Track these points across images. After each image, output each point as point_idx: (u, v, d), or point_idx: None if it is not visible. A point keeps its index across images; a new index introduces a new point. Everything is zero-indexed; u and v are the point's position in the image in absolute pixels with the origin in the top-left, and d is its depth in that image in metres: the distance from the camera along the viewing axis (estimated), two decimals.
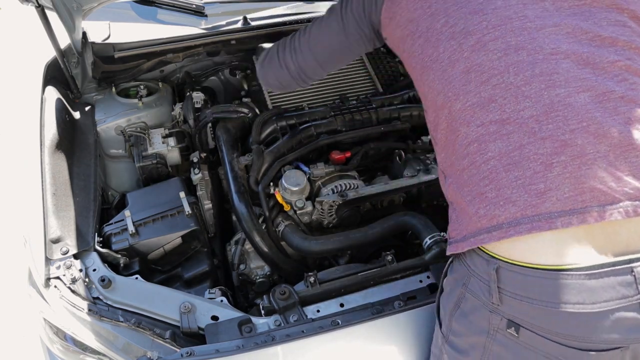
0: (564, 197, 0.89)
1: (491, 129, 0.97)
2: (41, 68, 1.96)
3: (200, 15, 2.33)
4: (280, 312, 1.38)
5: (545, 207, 0.90)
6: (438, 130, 1.09)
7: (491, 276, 0.94)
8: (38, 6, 1.65)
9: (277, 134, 1.87)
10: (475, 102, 1.00)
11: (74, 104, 2.04)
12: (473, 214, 0.97)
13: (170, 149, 1.98)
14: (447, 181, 1.07)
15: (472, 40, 1.03)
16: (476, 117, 0.99)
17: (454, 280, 1.08)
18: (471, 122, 0.99)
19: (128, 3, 2.41)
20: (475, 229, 0.96)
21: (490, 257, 0.95)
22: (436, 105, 1.08)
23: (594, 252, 0.88)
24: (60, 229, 1.51)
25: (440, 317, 1.14)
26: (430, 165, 1.82)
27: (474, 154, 0.98)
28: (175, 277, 1.69)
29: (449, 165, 1.06)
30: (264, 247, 1.64)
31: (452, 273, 1.10)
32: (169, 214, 1.68)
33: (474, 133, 0.99)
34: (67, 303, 1.37)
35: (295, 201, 1.69)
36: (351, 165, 1.83)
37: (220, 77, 2.35)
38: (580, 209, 0.88)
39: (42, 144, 1.70)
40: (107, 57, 2.10)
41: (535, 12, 1.02)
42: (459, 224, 1.02)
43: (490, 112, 0.97)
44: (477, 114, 0.99)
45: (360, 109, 1.90)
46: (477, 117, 0.99)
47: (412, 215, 1.66)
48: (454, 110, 1.03)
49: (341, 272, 1.51)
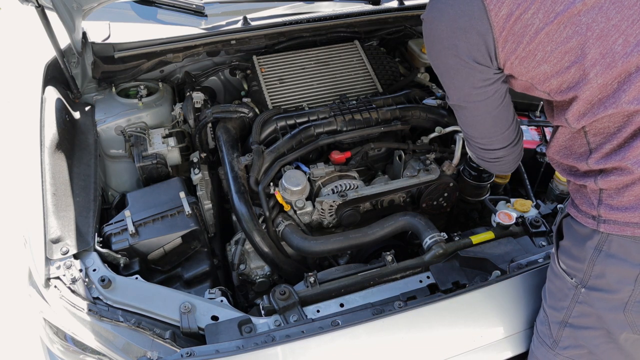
0: None
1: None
2: (41, 68, 1.96)
3: (200, 15, 2.33)
4: (280, 312, 1.38)
5: None
6: (612, 141, 1.05)
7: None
8: (38, 6, 1.65)
9: (277, 134, 1.87)
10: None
11: (74, 104, 2.04)
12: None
13: (170, 149, 1.98)
14: (614, 175, 1.06)
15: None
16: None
17: (584, 230, 1.13)
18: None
19: (128, 3, 2.41)
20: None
21: None
22: (624, 113, 1.02)
23: None
24: (60, 229, 1.51)
25: (568, 271, 1.19)
26: (430, 166, 1.82)
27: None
28: (175, 277, 1.69)
29: (620, 167, 1.05)
30: (264, 247, 1.64)
31: (578, 223, 1.15)
32: (169, 214, 1.68)
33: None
34: (67, 303, 1.37)
35: (295, 201, 1.69)
36: (351, 165, 1.83)
37: (220, 77, 2.35)
38: None
39: (42, 144, 1.70)
40: (107, 57, 2.10)
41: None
42: (621, 212, 1.06)
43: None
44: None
45: (361, 109, 1.90)
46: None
47: (412, 215, 1.66)
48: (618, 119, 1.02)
49: (341, 272, 1.52)
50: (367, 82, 2.12)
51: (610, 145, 1.05)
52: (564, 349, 1.26)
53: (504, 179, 1.95)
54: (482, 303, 1.37)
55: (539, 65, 1.04)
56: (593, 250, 1.12)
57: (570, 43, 0.99)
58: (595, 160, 1.08)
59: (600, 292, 1.14)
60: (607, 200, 1.09)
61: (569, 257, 1.20)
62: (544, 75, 1.06)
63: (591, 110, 1.04)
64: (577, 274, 1.18)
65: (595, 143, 1.08)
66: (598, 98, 1.03)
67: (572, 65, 1.01)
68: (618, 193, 1.07)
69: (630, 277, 1.08)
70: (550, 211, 1.69)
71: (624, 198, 1.06)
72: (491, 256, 1.49)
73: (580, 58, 1.00)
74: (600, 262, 1.12)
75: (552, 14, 0.97)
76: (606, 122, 1.05)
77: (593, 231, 1.12)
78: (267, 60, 2.17)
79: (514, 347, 1.39)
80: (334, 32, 2.32)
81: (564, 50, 1.00)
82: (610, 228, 1.08)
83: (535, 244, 1.56)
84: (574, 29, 0.97)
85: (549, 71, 1.04)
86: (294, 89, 2.07)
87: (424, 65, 2.33)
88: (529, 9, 0.98)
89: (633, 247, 1.07)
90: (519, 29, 1.00)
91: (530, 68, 1.05)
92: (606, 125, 1.05)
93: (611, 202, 1.08)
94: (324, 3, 2.48)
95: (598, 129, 1.07)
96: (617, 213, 1.07)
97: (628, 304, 1.11)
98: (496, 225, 1.63)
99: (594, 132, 1.08)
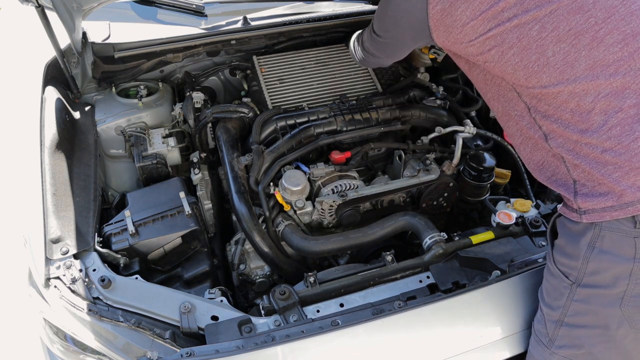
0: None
1: (631, 112, 1.06)
2: (41, 68, 1.95)
3: (200, 15, 2.33)
4: (280, 312, 1.38)
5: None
6: (560, 123, 1.14)
7: None
8: (38, 6, 1.65)
9: (277, 134, 1.87)
10: (608, 93, 1.07)
11: (74, 104, 2.04)
12: (628, 187, 1.06)
13: (170, 149, 1.98)
14: (574, 162, 1.14)
15: (587, 38, 1.07)
16: (613, 105, 1.07)
17: (577, 228, 1.15)
18: (608, 110, 1.07)
19: (128, 3, 2.41)
20: (631, 200, 1.06)
21: None
22: (557, 102, 1.13)
23: None
24: (60, 229, 1.51)
25: (563, 269, 1.21)
26: (430, 166, 1.82)
27: (619, 136, 1.06)
28: (175, 277, 1.69)
29: (578, 150, 1.13)
30: (264, 247, 1.64)
31: (567, 225, 1.18)
32: (169, 214, 1.68)
33: (613, 119, 1.07)
34: (67, 303, 1.37)
35: (295, 201, 1.69)
36: (351, 165, 1.83)
37: (220, 77, 2.35)
38: None
39: (42, 144, 1.70)
40: (107, 57, 2.10)
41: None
42: (596, 198, 1.10)
43: (626, 98, 1.06)
44: (614, 103, 1.07)
45: (360, 109, 1.90)
46: (614, 105, 1.06)
47: (412, 215, 1.66)
48: (585, 103, 1.09)
49: (341, 272, 1.52)
50: (367, 82, 2.12)
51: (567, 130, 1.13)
52: (560, 348, 1.26)
53: (504, 179, 1.95)
54: (481, 303, 1.37)
55: (465, 49, 1.23)
56: (586, 247, 1.13)
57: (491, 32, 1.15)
58: (555, 142, 1.16)
59: (596, 288, 1.15)
60: (581, 190, 1.14)
61: (564, 255, 1.21)
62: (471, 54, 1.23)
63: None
64: (572, 272, 1.19)
65: (546, 127, 1.17)
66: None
67: (492, 48, 1.16)
68: (585, 180, 1.13)
69: (625, 272, 1.10)
70: (550, 211, 1.69)
71: (593, 183, 1.11)
72: (491, 256, 1.50)
73: (499, 43, 1.15)
74: (594, 259, 1.13)
75: (478, 12, 1.15)
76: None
77: (585, 228, 1.14)
78: (267, 60, 2.17)
79: (513, 347, 1.39)
80: (334, 32, 2.32)
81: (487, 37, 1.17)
82: (591, 217, 1.11)
83: (535, 244, 1.56)
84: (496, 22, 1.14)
85: (475, 52, 1.21)
86: (294, 89, 2.07)
87: (424, 65, 2.33)
88: (459, 7, 1.17)
89: (625, 242, 1.08)
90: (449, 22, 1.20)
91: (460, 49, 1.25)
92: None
93: (585, 191, 1.13)
94: (324, 3, 2.48)
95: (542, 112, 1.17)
96: (593, 200, 1.11)
97: (624, 299, 1.12)
98: (496, 225, 1.63)
99: (547, 122, 1.17)
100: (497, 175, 1.90)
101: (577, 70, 1.09)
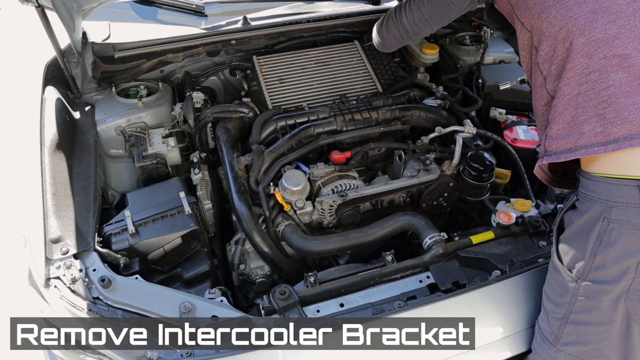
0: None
1: (613, 61, 1.11)
2: (41, 68, 1.95)
3: (200, 15, 2.33)
4: (280, 312, 1.38)
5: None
6: (554, 62, 1.21)
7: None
8: (38, 6, 1.65)
9: (277, 134, 1.87)
10: (599, 38, 1.13)
11: (74, 104, 2.04)
12: (588, 131, 1.11)
13: (170, 149, 1.98)
14: (553, 103, 1.21)
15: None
16: (599, 50, 1.13)
17: (585, 222, 1.17)
18: (594, 54, 1.13)
19: (128, 3, 2.41)
20: (588, 143, 1.11)
21: (625, 179, 1.08)
22: (556, 39, 1.20)
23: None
24: (60, 229, 1.51)
25: (567, 263, 1.22)
26: (430, 166, 1.82)
27: (595, 81, 1.12)
28: (175, 277, 1.68)
29: (558, 90, 1.20)
30: (264, 247, 1.64)
31: (579, 216, 1.19)
32: (169, 214, 1.68)
33: (595, 64, 1.13)
34: (67, 303, 1.37)
35: (295, 201, 1.69)
36: (351, 165, 1.83)
37: (220, 77, 2.35)
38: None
39: (42, 144, 1.70)
40: (107, 57, 2.10)
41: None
42: (562, 140, 1.16)
43: (613, 48, 1.11)
44: (601, 48, 1.12)
45: (360, 109, 1.90)
46: (601, 50, 1.12)
47: (412, 215, 1.66)
48: (577, 43, 1.15)
49: (341, 272, 1.52)
50: (367, 82, 2.12)
51: (555, 68, 1.21)
52: (566, 345, 1.26)
53: (504, 179, 1.95)
54: (481, 303, 1.37)
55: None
56: (594, 240, 1.14)
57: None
58: (550, 86, 1.23)
59: (601, 284, 1.16)
60: (549, 133, 1.19)
61: (570, 250, 1.21)
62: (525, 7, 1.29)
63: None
64: (577, 267, 1.19)
65: (545, 70, 1.24)
66: None
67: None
68: (554, 122, 1.18)
69: (632, 265, 1.10)
70: (550, 211, 1.69)
71: (559, 126, 1.16)
72: (491, 256, 1.50)
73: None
74: (601, 253, 1.13)
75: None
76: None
77: (594, 221, 1.14)
78: (267, 60, 2.17)
79: (514, 347, 1.39)
80: (334, 32, 2.32)
81: None
82: (551, 158, 1.18)
83: (535, 244, 1.56)
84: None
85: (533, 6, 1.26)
86: (294, 89, 2.07)
87: (424, 65, 2.33)
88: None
89: (634, 234, 1.09)
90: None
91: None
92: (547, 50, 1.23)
93: (550, 133, 1.18)
94: (324, 3, 2.48)
95: (543, 56, 1.24)
96: (555, 142, 1.17)
97: (629, 293, 1.13)
98: (496, 225, 1.63)
99: (542, 60, 1.24)
100: (497, 175, 1.90)
101: (582, 10, 1.15)
